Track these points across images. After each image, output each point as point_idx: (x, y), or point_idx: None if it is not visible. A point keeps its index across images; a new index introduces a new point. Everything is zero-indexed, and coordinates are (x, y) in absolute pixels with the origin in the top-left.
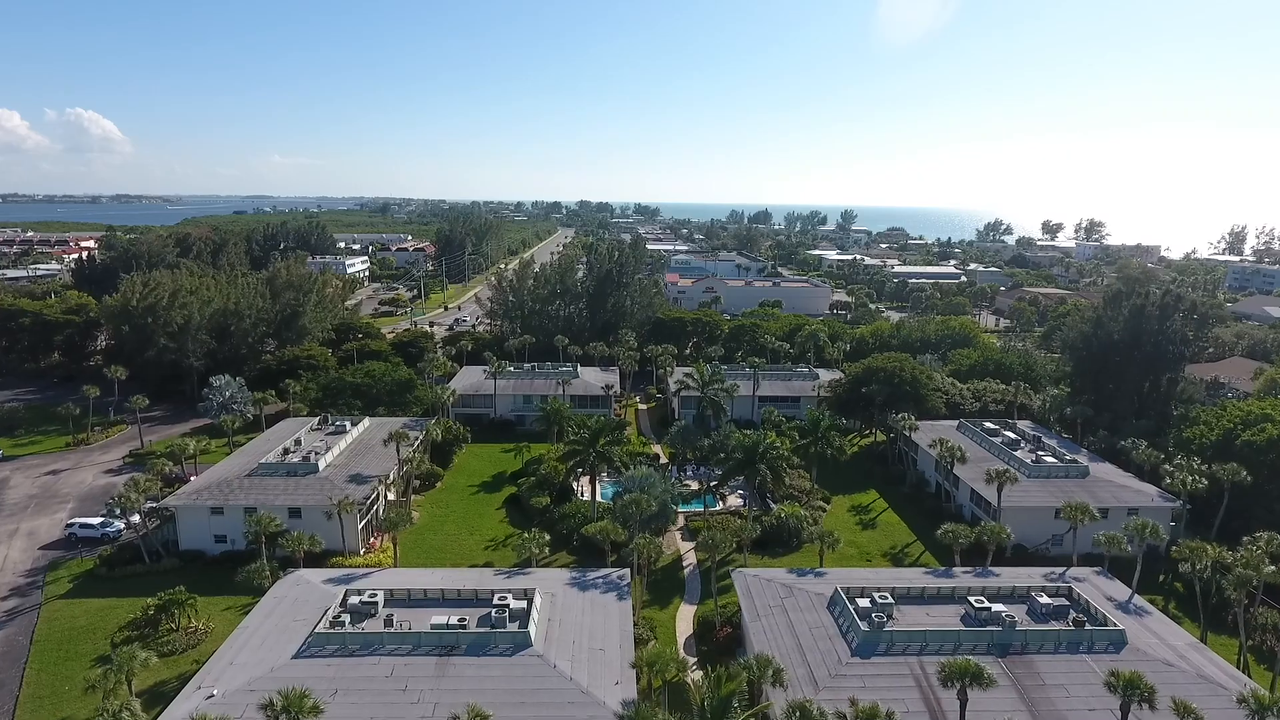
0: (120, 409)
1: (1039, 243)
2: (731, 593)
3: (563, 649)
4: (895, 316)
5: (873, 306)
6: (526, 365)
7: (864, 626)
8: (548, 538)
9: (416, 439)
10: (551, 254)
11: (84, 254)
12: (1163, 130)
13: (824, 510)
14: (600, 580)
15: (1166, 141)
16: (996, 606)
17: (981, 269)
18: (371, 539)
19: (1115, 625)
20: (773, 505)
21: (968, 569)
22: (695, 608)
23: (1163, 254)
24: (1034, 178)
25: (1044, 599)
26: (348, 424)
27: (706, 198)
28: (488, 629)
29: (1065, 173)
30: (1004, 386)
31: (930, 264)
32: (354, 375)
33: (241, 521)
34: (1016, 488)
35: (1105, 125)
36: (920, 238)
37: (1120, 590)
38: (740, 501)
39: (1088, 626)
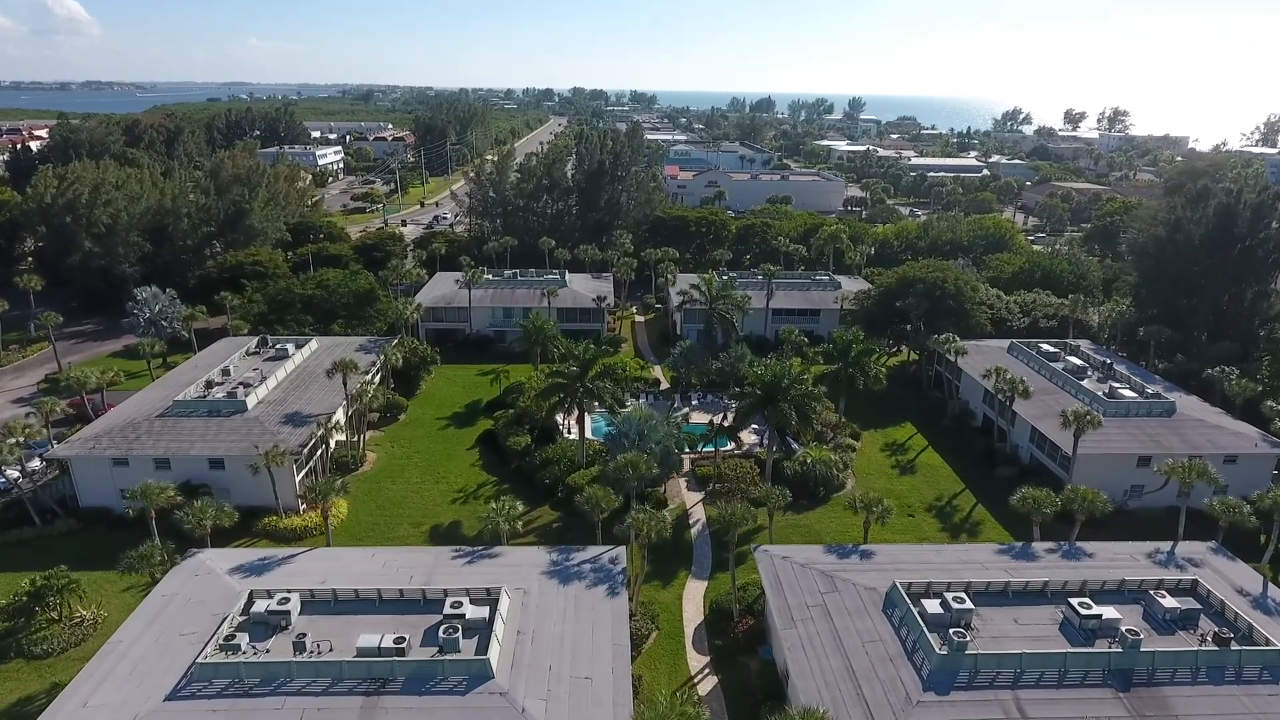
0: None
1: (1060, 133)
2: (749, 564)
3: (535, 681)
4: (914, 213)
5: (890, 202)
6: (507, 272)
7: (938, 646)
8: (520, 508)
9: (372, 366)
10: (541, 144)
11: (21, 144)
12: (1190, 16)
13: (853, 450)
14: (588, 566)
15: (1194, 28)
16: (1106, 611)
17: (1004, 161)
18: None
19: (1272, 643)
20: (795, 447)
21: (1051, 545)
22: (706, 584)
23: (1191, 145)
24: (1053, 66)
25: (1166, 600)
26: (290, 347)
27: (706, 85)
28: (434, 654)
29: (1086, 61)
30: (1058, 300)
31: (949, 155)
32: (304, 286)
33: (151, 473)
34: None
35: (1128, 11)
36: (933, 127)
37: (1249, 577)
38: (756, 439)
39: (1234, 646)
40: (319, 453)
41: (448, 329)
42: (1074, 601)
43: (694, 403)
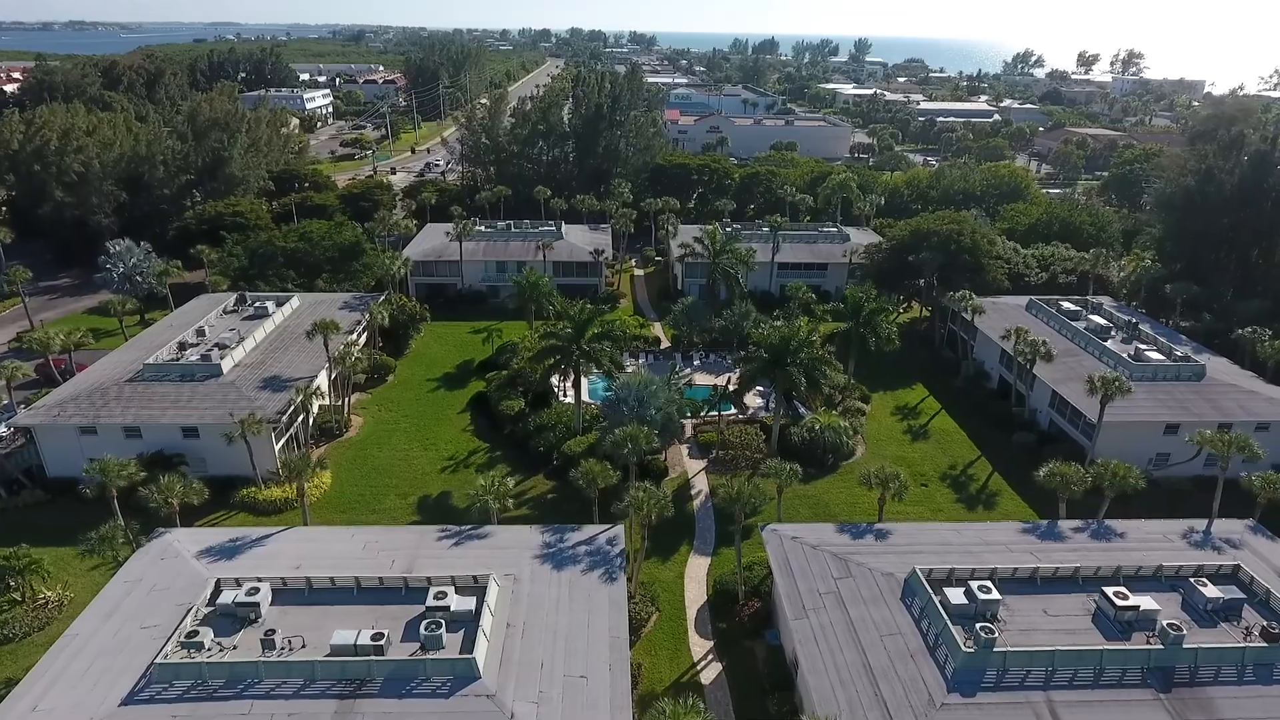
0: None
1: (1073, 76)
2: (755, 539)
3: (525, 681)
4: (926, 161)
5: (898, 149)
6: (501, 224)
7: (964, 643)
8: (511, 484)
9: (357, 325)
10: (536, 88)
11: None
12: None
13: (863, 414)
14: (583, 548)
15: None
16: (1143, 602)
17: (1016, 105)
18: None
19: None
20: (803, 411)
21: (1078, 523)
22: (709, 560)
23: (1207, 89)
24: (1065, 5)
25: (1208, 589)
26: (270, 305)
27: (708, 26)
28: (415, 651)
29: (1098, 1)
30: (1078, 254)
31: (959, 100)
32: (286, 239)
33: (121, 441)
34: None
35: None
36: (941, 70)
37: None
38: (761, 403)
39: None
40: (300, 419)
41: (438, 284)
42: (1108, 591)
43: (696, 363)
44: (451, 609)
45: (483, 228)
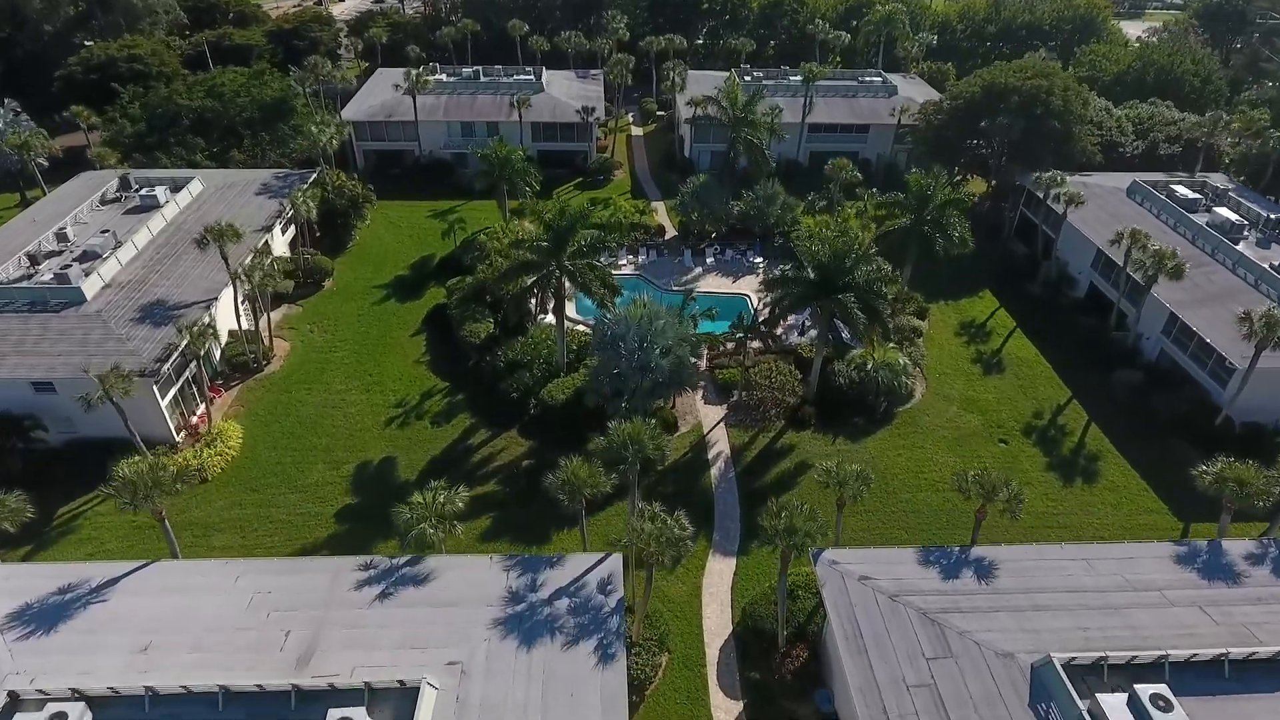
0: None
1: None
2: (802, 567)
3: None
4: None
5: None
6: (467, 71)
7: None
8: (463, 500)
9: (277, 219)
10: None
11: None
12: None
13: (920, 335)
14: (565, 599)
15: None
16: None
17: None
18: (195, 413)
19: None
20: (846, 337)
21: (1254, 547)
22: (734, 564)
23: None
24: None
25: None
26: (161, 191)
27: None
28: None
29: None
30: (1181, 116)
31: None
32: (192, 95)
33: None
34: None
35: None
36: None
37: None
38: (794, 323)
39: None
40: (195, 360)
41: (391, 150)
42: None
43: (709, 260)
44: None
45: (444, 77)
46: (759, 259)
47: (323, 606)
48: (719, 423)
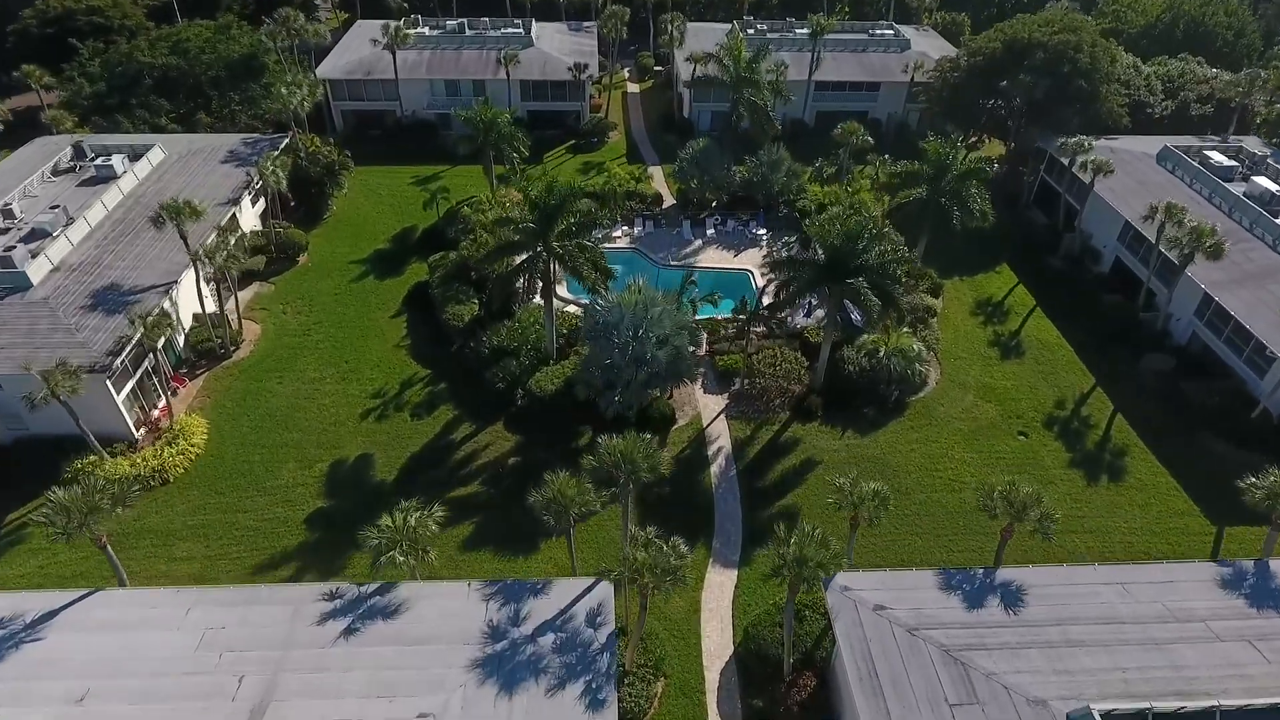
0: None
1: None
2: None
3: None
4: None
5: None
6: (451, 24)
7: None
8: (437, 525)
9: (245, 189)
10: None
11: None
12: None
13: (934, 315)
14: (550, 634)
15: None
16: None
17: None
18: (157, 407)
19: None
20: (856, 320)
21: None
22: (735, 576)
23: None
24: None
25: None
26: (119, 161)
27: None
28: None
29: None
30: (1213, 74)
31: None
32: (154, 52)
33: None
34: None
35: None
36: None
37: None
38: (800, 310)
39: None
40: (152, 352)
41: (370, 110)
42: None
43: (709, 232)
44: None
45: (426, 30)
46: (762, 230)
47: (281, 646)
48: (719, 414)
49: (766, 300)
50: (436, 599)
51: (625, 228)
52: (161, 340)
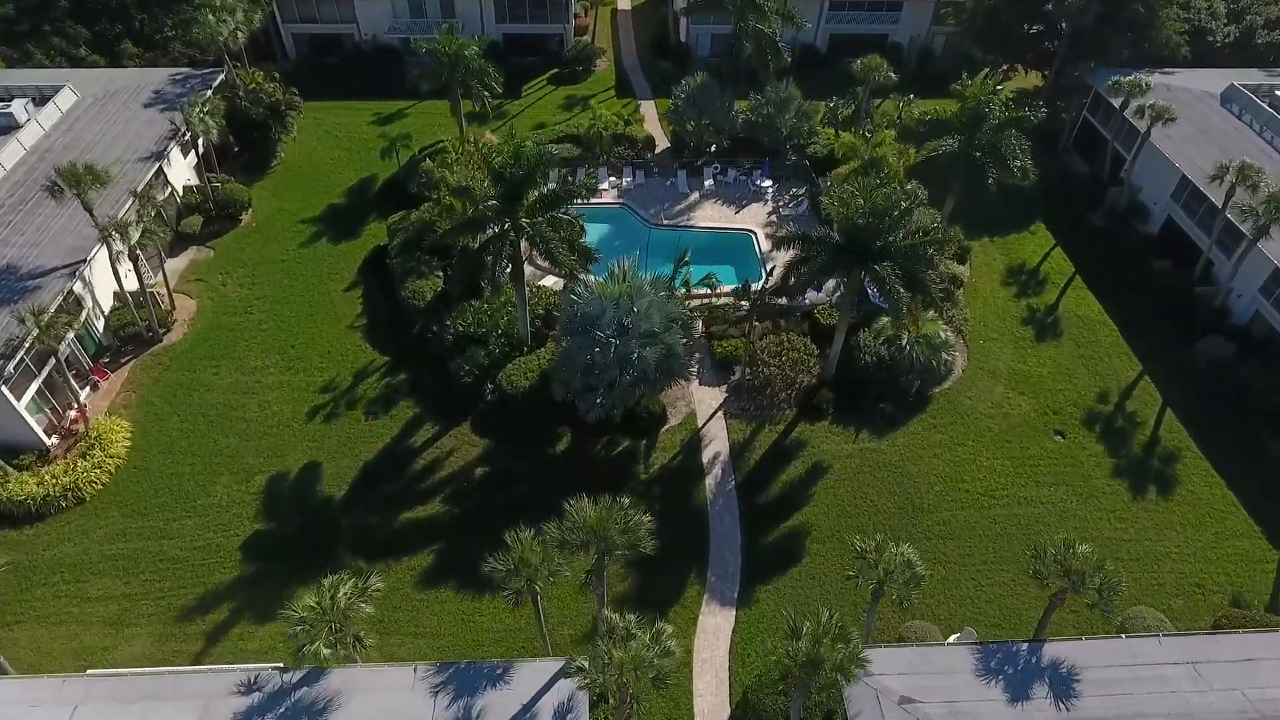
0: None
1: None
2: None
3: None
4: None
5: None
6: None
7: None
8: (372, 607)
9: (171, 140)
10: None
11: None
12: None
13: (960, 285)
14: None
15: None
16: None
17: None
18: (71, 407)
19: None
20: (874, 298)
21: None
22: (734, 618)
23: None
24: None
25: None
26: (20, 106)
27: None
28: None
29: None
30: None
31: None
32: None
33: None
34: None
35: None
36: None
37: None
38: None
39: None
40: (53, 354)
41: (325, 34)
42: None
43: (707, 183)
44: None
45: None
46: (768, 183)
47: None
48: (716, 411)
49: (772, 283)
50: (374, 692)
51: (613, 178)
52: (69, 336)
